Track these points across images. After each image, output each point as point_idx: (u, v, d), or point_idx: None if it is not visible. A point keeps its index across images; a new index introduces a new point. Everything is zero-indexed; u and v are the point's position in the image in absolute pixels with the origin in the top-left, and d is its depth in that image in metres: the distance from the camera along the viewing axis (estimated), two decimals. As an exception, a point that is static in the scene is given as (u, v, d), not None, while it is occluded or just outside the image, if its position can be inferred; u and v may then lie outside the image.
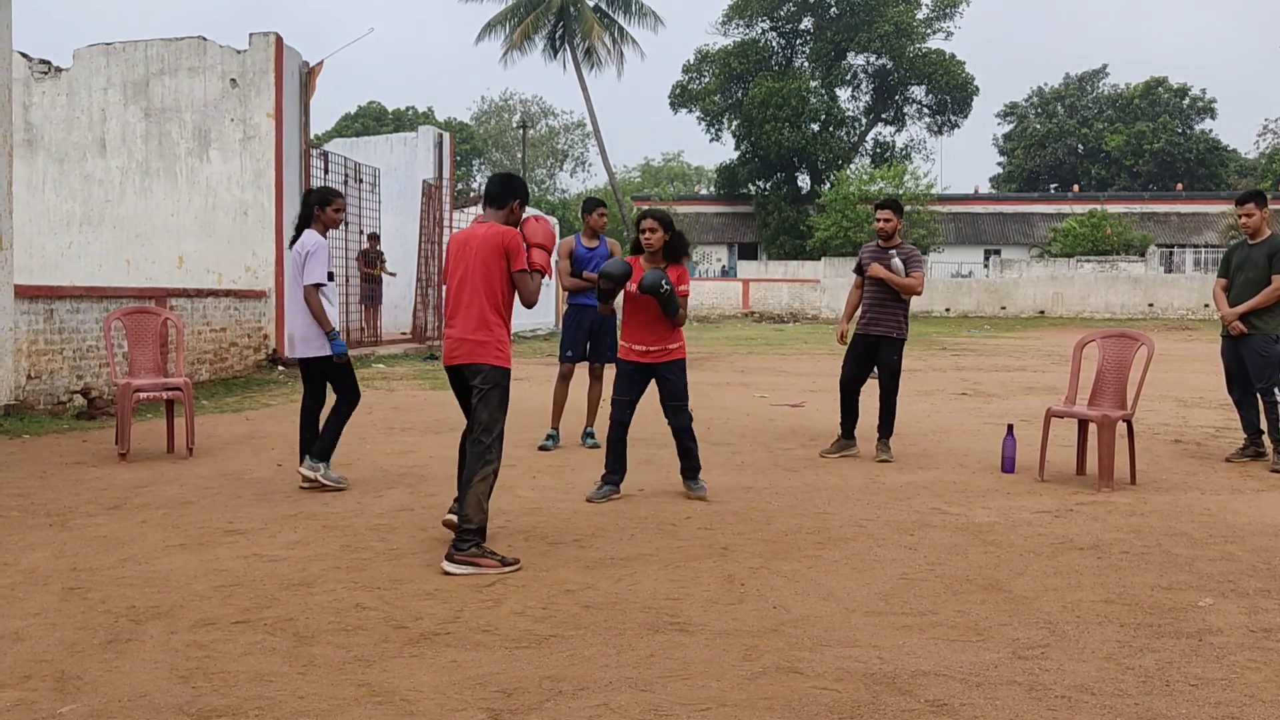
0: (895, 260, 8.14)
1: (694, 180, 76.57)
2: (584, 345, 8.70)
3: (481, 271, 5.23)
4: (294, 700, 3.32)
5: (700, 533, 5.68)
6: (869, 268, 8.24)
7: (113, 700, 3.31)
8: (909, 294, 8.22)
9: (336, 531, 5.57)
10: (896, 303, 8.20)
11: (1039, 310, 41.31)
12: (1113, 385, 7.45)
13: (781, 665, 3.68)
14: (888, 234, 8.27)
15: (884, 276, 8.14)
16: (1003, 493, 6.87)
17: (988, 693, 3.44)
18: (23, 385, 10.07)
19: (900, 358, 8.24)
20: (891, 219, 8.27)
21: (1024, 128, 66.79)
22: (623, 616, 4.22)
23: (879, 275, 8.16)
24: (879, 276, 8.16)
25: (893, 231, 8.28)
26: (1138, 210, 53.27)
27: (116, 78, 15.83)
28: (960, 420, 10.59)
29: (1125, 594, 4.59)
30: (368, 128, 55.04)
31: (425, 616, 4.19)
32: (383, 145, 23.91)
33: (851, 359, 8.36)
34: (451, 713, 3.24)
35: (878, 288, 8.23)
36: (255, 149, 15.22)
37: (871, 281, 8.26)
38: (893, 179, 45.32)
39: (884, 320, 8.20)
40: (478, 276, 5.25)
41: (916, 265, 8.19)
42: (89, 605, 4.28)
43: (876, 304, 8.24)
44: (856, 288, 8.49)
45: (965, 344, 25.94)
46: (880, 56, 54.88)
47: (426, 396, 12.42)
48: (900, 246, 8.26)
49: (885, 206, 8.40)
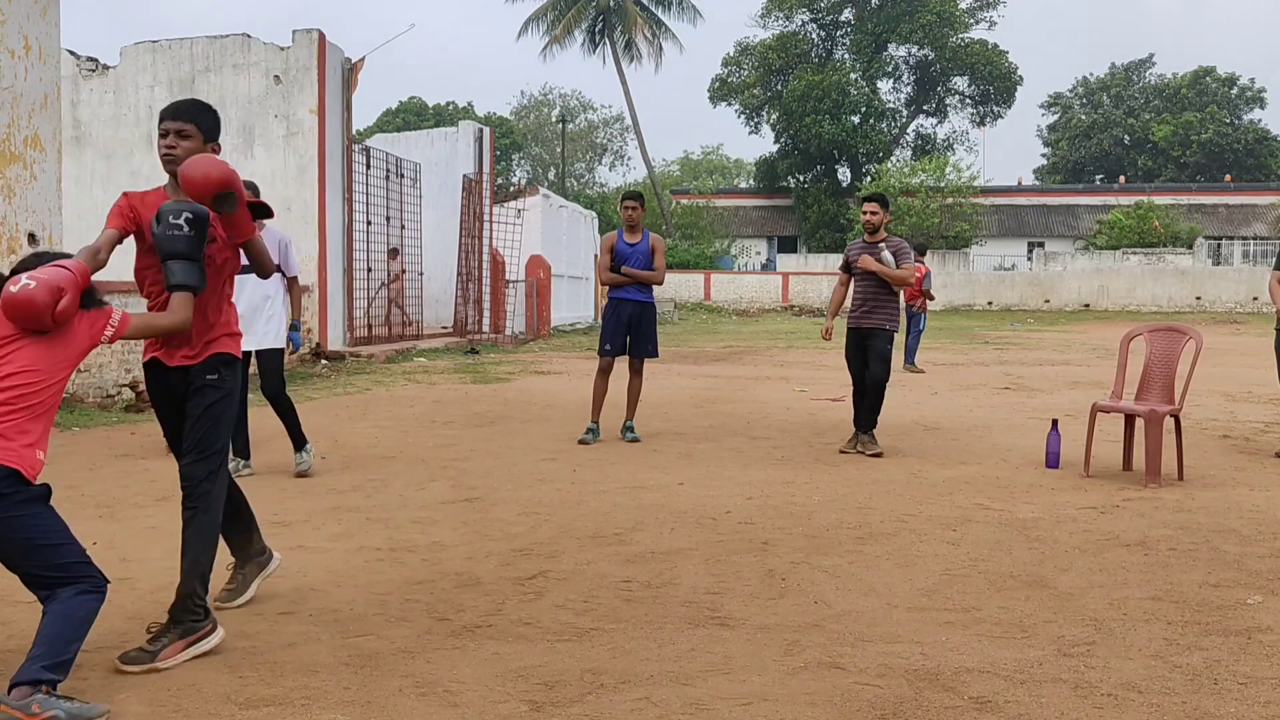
0: (885, 253, 8.15)
1: (733, 173, 76.32)
2: (623, 339, 8.71)
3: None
4: (339, 690, 3.36)
5: (740, 527, 5.67)
6: (859, 261, 8.24)
7: (162, 689, 3.36)
8: (901, 286, 8.27)
9: (379, 524, 5.62)
10: (888, 295, 8.24)
11: (1084, 304, 40.79)
12: (1160, 380, 7.35)
13: (823, 660, 3.67)
14: (874, 227, 8.30)
15: (875, 269, 8.13)
16: (1047, 488, 6.80)
17: (1032, 690, 3.41)
18: (73, 378, 10.24)
19: (891, 348, 8.26)
20: (878, 212, 8.32)
21: (1069, 118, 65.94)
22: (663, 610, 4.22)
23: (870, 268, 8.15)
24: (870, 269, 8.15)
25: (879, 225, 8.31)
26: (1185, 202, 52.44)
27: (163, 75, 16.06)
28: (1003, 415, 10.49)
29: (1173, 591, 4.53)
30: (409, 123, 55.37)
31: (467, 609, 4.22)
32: (424, 140, 24.07)
33: (852, 355, 8.37)
34: (494, 705, 3.27)
35: (869, 281, 8.23)
36: (298, 145, 15.38)
37: (862, 275, 8.26)
38: (934, 171, 44.92)
39: (876, 313, 8.21)
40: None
41: (905, 256, 8.21)
42: (138, 596, 4.36)
43: (869, 297, 8.24)
44: (841, 285, 8.57)
45: (1008, 338, 25.69)
46: (922, 47, 54.41)
47: (468, 390, 12.50)
48: (888, 240, 8.28)
49: (872, 200, 8.46)
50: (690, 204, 54.75)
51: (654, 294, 8.87)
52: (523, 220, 24.12)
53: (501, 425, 9.57)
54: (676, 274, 41.65)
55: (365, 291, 17.75)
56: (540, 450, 8.16)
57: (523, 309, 23.70)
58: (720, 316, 39.87)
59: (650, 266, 8.66)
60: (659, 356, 9.14)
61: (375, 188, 17.79)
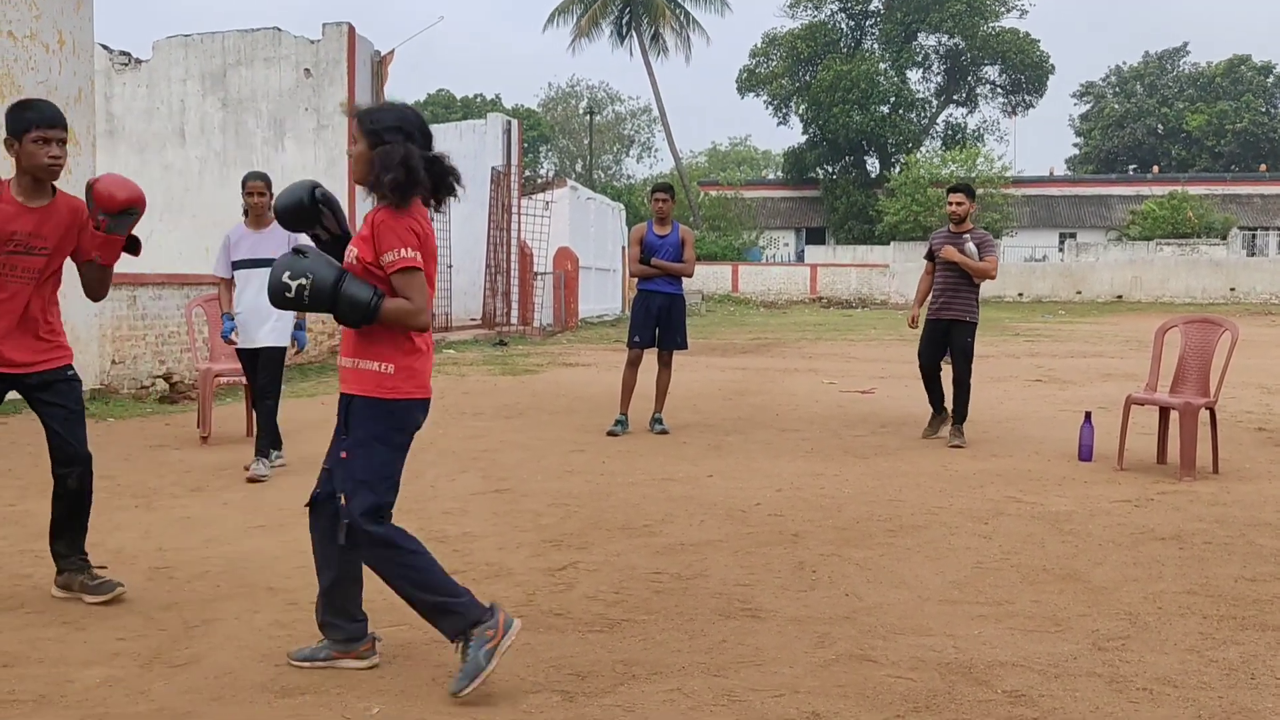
0: (969, 245, 8.17)
1: (761, 165, 76.01)
2: (652, 331, 8.71)
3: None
4: (373, 680, 3.39)
5: (770, 519, 5.66)
6: (942, 250, 8.24)
7: (200, 677, 3.40)
8: (983, 278, 8.23)
9: (411, 515, 5.64)
10: (969, 287, 8.24)
11: (1116, 295, 40.39)
12: (1195, 372, 7.28)
13: (854, 653, 3.66)
14: (960, 218, 8.27)
15: (958, 260, 8.15)
16: (1080, 481, 6.75)
17: (1067, 684, 3.39)
18: (108, 370, 10.36)
19: (973, 340, 8.27)
20: (964, 203, 8.29)
21: (1101, 108, 65.23)
22: (694, 602, 4.23)
23: (953, 259, 8.16)
24: (953, 260, 8.17)
25: (965, 215, 8.29)
26: (1219, 192, 51.75)
27: (195, 69, 16.19)
28: (1035, 407, 10.41)
29: (1208, 585, 4.49)
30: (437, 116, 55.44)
31: (499, 599, 4.21)
32: (452, 133, 24.11)
33: (926, 343, 8.41)
34: (526, 695, 3.28)
35: (950, 272, 8.24)
36: (328, 138, 15.47)
37: (943, 266, 8.27)
38: (964, 162, 44.60)
39: (956, 304, 8.22)
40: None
41: (990, 250, 8.22)
42: (175, 585, 4.41)
43: (949, 288, 8.26)
44: (927, 274, 8.53)
45: (1039, 329, 25.48)
46: (952, 36, 53.94)
47: (497, 382, 12.55)
48: (973, 231, 8.29)
49: (958, 190, 8.43)
50: (718, 195, 54.62)
51: (683, 286, 8.87)
52: (550, 212, 24.14)
53: (530, 417, 9.60)
54: (704, 266, 41.56)
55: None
56: (569, 442, 8.18)
57: (550, 301, 23.74)
58: (748, 308, 39.79)
59: (680, 258, 8.65)
60: (688, 348, 9.14)
61: (404, 180, 17.88)
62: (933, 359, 8.39)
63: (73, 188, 9.84)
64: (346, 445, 3.33)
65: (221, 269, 7.08)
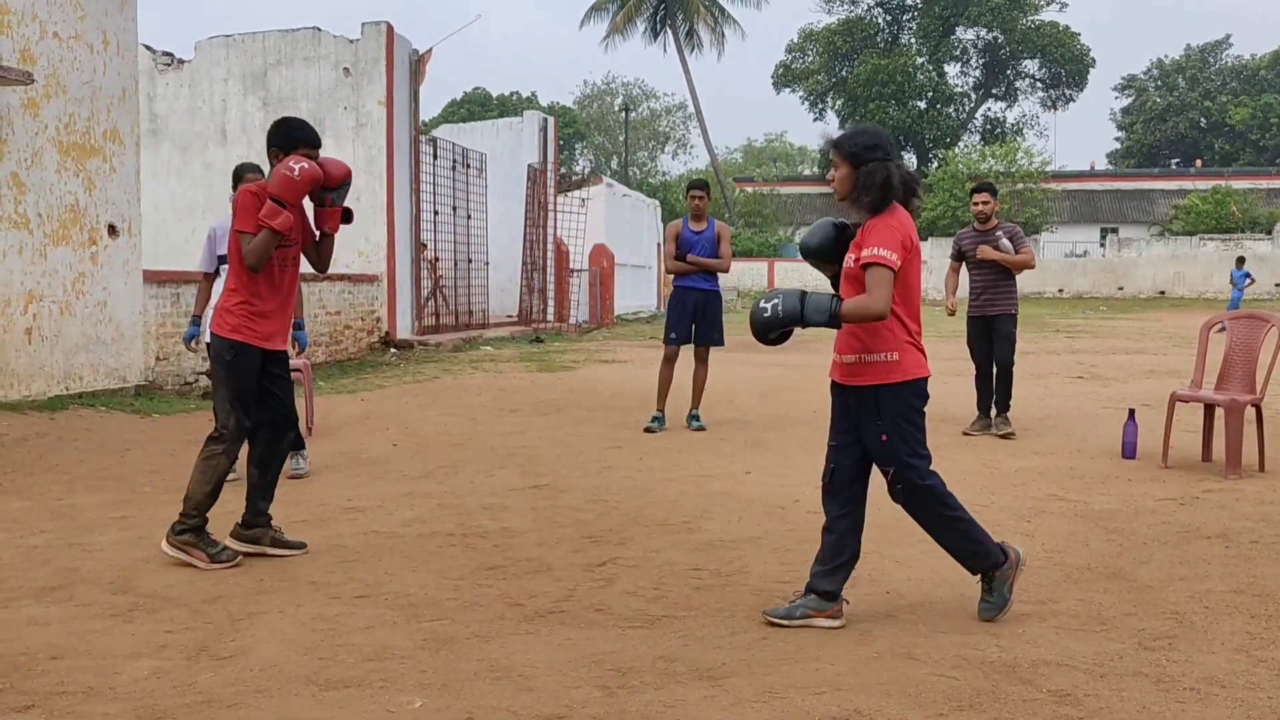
0: (1004, 240, 8.36)
1: (797, 161, 75.72)
2: (689, 328, 8.70)
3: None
4: (416, 674, 3.41)
5: (809, 516, 5.63)
6: (978, 251, 8.41)
7: (245, 670, 3.44)
8: (1022, 269, 8.48)
9: (450, 510, 5.69)
10: (1007, 280, 8.46)
11: (1159, 291, 39.87)
12: (1241, 368, 7.17)
13: (896, 651, 3.64)
14: (985, 216, 8.48)
15: (997, 258, 8.33)
16: (1124, 479, 6.67)
17: (1113, 684, 3.35)
18: (152, 366, 10.50)
19: (1015, 329, 8.49)
20: (990, 201, 8.52)
21: (1143, 101, 64.36)
22: (734, 598, 4.22)
23: (991, 257, 8.34)
24: (991, 259, 8.34)
25: (990, 214, 8.49)
26: (1264, 186, 50.89)
27: (236, 69, 16.35)
28: (1076, 404, 10.30)
29: (1255, 584, 4.42)
30: (473, 113, 55.68)
31: (539, 594, 4.25)
32: (489, 130, 24.22)
33: (976, 341, 8.57)
34: (568, 689, 3.29)
35: (988, 269, 8.44)
36: (367, 136, 15.57)
37: (979, 263, 8.44)
38: (1004, 157, 44.18)
39: (999, 300, 8.44)
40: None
41: (1023, 241, 8.47)
42: (218, 579, 4.46)
43: (990, 285, 8.45)
44: (953, 271, 8.82)
45: (1080, 326, 25.20)
46: (990, 30, 53.49)
47: (534, 378, 12.58)
48: (1000, 225, 8.49)
49: (982, 190, 8.64)
50: (754, 192, 54.48)
51: (719, 282, 8.85)
52: (586, 209, 24.17)
53: (568, 413, 9.62)
54: (740, 262, 41.43)
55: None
56: (607, 438, 8.19)
57: (586, 298, 23.77)
58: (784, 305, 39.54)
59: (716, 255, 8.64)
60: (724, 345, 9.12)
61: (442, 178, 17.95)
62: (986, 354, 8.51)
63: (120, 186, 10.03)
64: (884, 429, 3.89)
65: (205, 263, 6.77)
